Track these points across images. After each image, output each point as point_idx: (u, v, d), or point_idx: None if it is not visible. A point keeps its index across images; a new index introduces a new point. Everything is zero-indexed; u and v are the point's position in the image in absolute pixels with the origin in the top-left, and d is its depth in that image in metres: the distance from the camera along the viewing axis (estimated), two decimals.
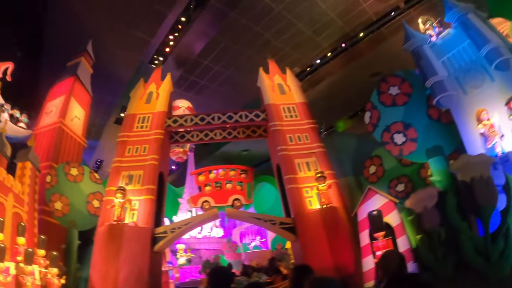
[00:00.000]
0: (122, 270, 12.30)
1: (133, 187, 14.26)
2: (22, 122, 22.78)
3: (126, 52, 24.06)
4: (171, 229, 13.76)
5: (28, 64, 24.12)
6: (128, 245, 12.73)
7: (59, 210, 15.59)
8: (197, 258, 28.29)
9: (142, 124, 15.89)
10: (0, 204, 14.30)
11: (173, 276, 22.82)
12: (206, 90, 27.88)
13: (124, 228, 13.04)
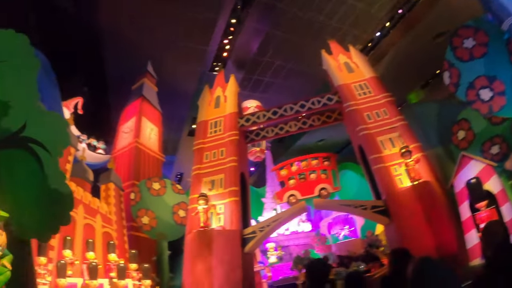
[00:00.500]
0: (214, 275, 11.97)
1: (216, 192, 13.93)
2: (100, 149, 23.60)
3: (185, 66, 24.12)
4: (260, 228, 13.25)
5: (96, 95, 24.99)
6: (218, 249, 12.39)
7: (147, 224, 15.70)
8: (287, 255, 27.67)
9: (215, 128, 15.58)
10: (89, 226, 14.93)
11: (265, 276, 22.42)
12: (272, 87, 27.27)
13: (212, 233, 12.71)
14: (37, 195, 7.11)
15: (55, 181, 7.45)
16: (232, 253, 12.48)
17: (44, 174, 7.31)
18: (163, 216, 16.13)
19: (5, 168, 6.71)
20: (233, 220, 13.22)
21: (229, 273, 12.03)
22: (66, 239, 12.56)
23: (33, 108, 7.25)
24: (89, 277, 11.28)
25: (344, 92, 15.07)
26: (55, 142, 7.58)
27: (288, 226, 30.78)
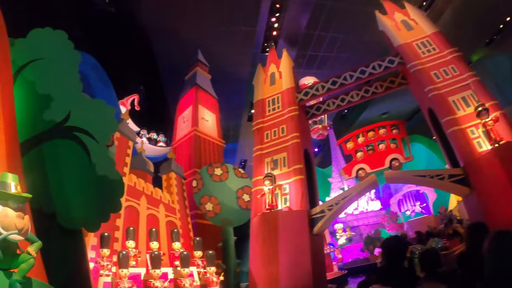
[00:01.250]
0: (282, 258, 10.99)
1: (279, 172, 12.88)
2: (161, 142, 23.48)
3: (236, 50, 23.32)
4: (328, 206, 12.05)
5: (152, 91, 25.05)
6: (285, 231, 11.36)
7: (211, 210, 15.02)
8: (357, 235, 26.32)
9: (273, 106, 14.51)
10: (153, 216, 14.46)
11: (335, 258, 21.22)
12: (327, 62, 25.66)
13: (278, 214, 11.67)
14: (84, 184, 6.71)
15: (103, 168, 7.01)
16: (300, 235, 11.42)
17: (91, 162, 6.86)
18: (227, 202, 15.40)
19: (51, 159, 6.44)
20: (299, 200, 12.15)
21: (297, 256, 11.02)
22: (129, 230, 12.25)
23: (76, 98, 7.05)
24: (152, 267, 10.72)
25: (406, 52, 13.37)
26: (101, 128, 7.22)
27: (356, 205, 29.51)
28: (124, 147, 13.99)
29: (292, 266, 10.88)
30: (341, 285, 15.16)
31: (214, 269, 11.76)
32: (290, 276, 10.78)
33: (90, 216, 6.91)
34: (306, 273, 10.88)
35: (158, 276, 10.67)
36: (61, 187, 6.56)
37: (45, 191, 6.44)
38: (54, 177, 6.57)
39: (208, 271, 11.80)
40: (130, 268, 11.02)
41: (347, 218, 28.01)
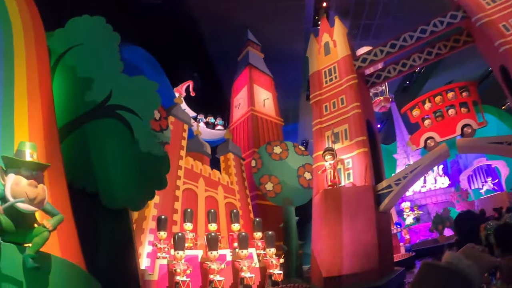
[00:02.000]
0: (346, 237, 10.04)
1: (341, 145, 11.80)
2: (219, 125, 23.07)
3: (286, 27, 22.11)
4: (395, 181, 10.81)
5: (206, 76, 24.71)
6: (349, 208, 10.35)
7: (271, 190, 14.19)
8: (425, 215, 24.33)
9: (330, 77, 13.31)
10: (211, 198, 13.89)
11: (402, 239, 19.60)
12: (383, 30, 23.62)
13: (341, 191, 10.65)
14: (127, 161, 6.41)
15: (147, 145, 6.66)
16: (365, 212, 10.36)
17: (134, 139, 6.56)
18: (288, 181, 14.48)
19: (93, 139, 6.28)
20: (364, 175, 11.05)
21: (362, 235, 10.02)
22: (186, 212, 11.81)
23: (117, 77, 6.88)
24: (208, 249, 10.17)
25: (469, 4, 11.51)
26: (143, 104, 6.88)
27: (423, 182, 27.48)
28: (179, 130, 13.62)
29: (356, 246, 9.90)
30: (409, 268, 13.88)
31: (274, 251, 10.96)
32: (355, 256, 9.81)
33: (133, 194, 6.62)
34: (372, 253, 9.88)
35: (215, 258, 10.12)
36: (104, 166, 6.33)
37: (88, 171, 6.26)
38: (97, 157, 6.38)
39: (267, 253, 11.02)
40: (187, 250, 10.63)
41: (414, 196, 26.13)
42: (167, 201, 12.46)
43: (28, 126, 4.91)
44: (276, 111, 19.92)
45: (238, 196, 14.64)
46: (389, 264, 11.24)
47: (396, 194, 10.71)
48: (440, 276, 2.08)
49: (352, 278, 9.50)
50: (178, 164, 13.21)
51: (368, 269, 9.63)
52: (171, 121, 13.34)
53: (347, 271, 9.66)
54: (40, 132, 5.07)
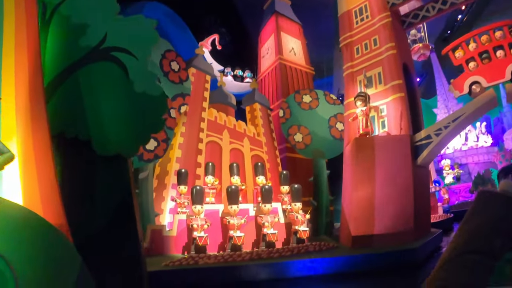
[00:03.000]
0: (379, 192, 8.91)
1: (375, 90, 10.43)
2: (247, 78, 21.88)
3: None
4: (436, 131, 9.43)
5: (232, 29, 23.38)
6: (383, 160, 9.14)
7: (300, 142, 13.07)
8: (465, 174, 22.52)
9: (361, 16, 11.63)
10: (237, 151, 13.12)
11: (441, 198, 18.08)
12: None
13: (374, 140, 9.38)
14: (120, 104, 5.82)
15: (143, 85, 5.99)
16: (401, 165, 9.15)
17: (129, 80, 5.89)
18: (319, 131, 13.29)
19: (86, 84, 5.73)
20: (400, 123, 9.76)
21: (398, 191, 8.88)
22: (208, 165, 11.10)
23: (112, 20, 6.24)
24: (229, 203, 9.33)
25: None
26: (140, 42, 6.22)
27: (465, 139, 25.42)
28: (201, 82, 12.86)
29: (390, 202, 8.79)
30: (446, 231, 12.64)
31: (300, 206, 9.98)
32: (388, 214, 8.72)
33: (125, 139, 5.79)
34: (408, 212, 8.78)
35: (235, 212, 9.29)
36: (96, 110, 5.65)
37: (81, 117, 5.61)
38: (89, 102, 5.68)
39: (293, 208, 10.08)
40: (207, 204, 10.03)
41: (455, 154, 24.26)
42: (190, 155, 11.82)
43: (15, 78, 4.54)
44: (306, 60, 18.34)
45: (265, 149, 13.70)
46: (425, 225, 10.07)
47: (436, 146, 9.38)
48: (498, 204, 2.03)
49: (384, 239, 8.43)
50: (200, 116, 12.44)
51: (402, 230, 8.55)
52: (192, 72, 12.54)
53: (379, 231, 8.59)
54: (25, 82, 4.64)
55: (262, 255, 8.09)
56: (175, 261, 7.42)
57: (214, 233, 9.51)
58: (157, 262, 7.52)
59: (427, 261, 8.21)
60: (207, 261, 7.61)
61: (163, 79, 10.87)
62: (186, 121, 12.02)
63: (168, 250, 9.18)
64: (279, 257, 8.05)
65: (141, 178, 10.28)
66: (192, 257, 7.86)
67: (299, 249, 8.52)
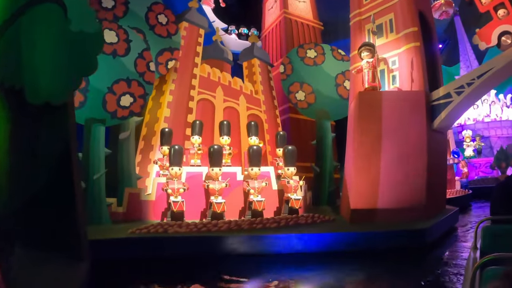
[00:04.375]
0: (386, 159, 7.42)
1: (385, 40, 8.76)
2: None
3: None
4: (457, 88, 7.70)
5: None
6: (392, 121, 7.58)
7: (303, 100, 11.54)
8: (487, 148, 20.37)
9: None
10: (231, 109, 11.54)
11: (459, 172, 16.21)
12: None
13: (381, 96, 7.77)
14: (56, 47, 4.97)
15: (80, 23, 5.12)
16: (414, 127, 7.58)
17: (67, 19, 5.05)
18: (323, 90, 11.67)
19: (24, 31, 4.94)
20: (413, 77, 8.14)
21: (408, 158, 7.40)
22: (195, 124, 9.81)
23: None
24: (210, 164, 8.10)
25: None
26: None
27: (488, 111, 23.22)
28: (194, 36, 11.46)
29: (399, 172, 7.33)
30: (463, 209, 11.06)
31: (293, 170, 8.54)
32: (395, 186, 7.27)
33: (55, 84, 4.80)
34: (418, 184, 7.30)
35: (217, 176, 8.03)
36: (31, 56, 4.84)
37: (18, 66, 4.82)
38: (26, 48, 4.89)
39: (285, 173, 8.61)
40: (191, 167, 8.90)
41: (476, 126, 22.00)
42: (179, 114, 10.54)
43: None
44: (313, 14, 16.23)
45: (263, 107, 12.23)
46: (439, 201, 8.59)
47: (457, 107, 7.73)
48: None
49: (389, 215, 7.03)
50: (192, 72, 11.11)
51: (411, 205, 7.13)
52: (185, 26, 11.23)
53: (383, 205, 7.17)
54: None
55: (243, 226, 6.85)
56: (142, 228, 6.53)
57: (196, 199, 8.34)
58: (126, 229, 6.60)
59: (438, 244, 6.79)
60: (178, 229, 6.54)
61: (149, 33, 9.85)
62: (176, 78, 10.72)
63: (146, 216, 8.25)
64: (261, 229, 6.77)
65: (121, 139, 9.19)
66: (161, 224, 6.82)
67: (287, 221, 7.20)
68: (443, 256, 6.23)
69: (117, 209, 8.27)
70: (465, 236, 7.73)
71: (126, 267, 5.55)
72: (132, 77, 8.50)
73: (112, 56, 8.37)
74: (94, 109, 8.06)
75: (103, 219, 7.75)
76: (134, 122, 9.46)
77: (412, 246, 6.14)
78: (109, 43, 8.32)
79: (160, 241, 6.24)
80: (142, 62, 8.74)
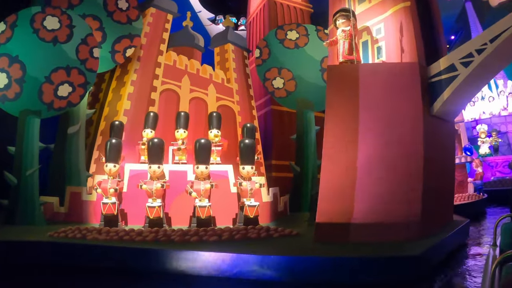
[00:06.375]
0: (365, 155, 5.37)
1: (368, 5, 6.63)
2: (242, 26, 18.22)
3: None
4: (463, 58, 5.51)
5: None
6: (373, 102, 5.55)
7: (281, 88, 9.58)
8: (504, 145, 17.54)
9: None
10: (199, 100, 9.53)
11: (472, 172, 13.46)
12: None
13: (358, 70, 5.68)
14: None
15: None
16: (404, 113, 5.51)
17: None
18: (306, 76, 9.66)
19: None
20: (403, 47, 6.02)
21: (396, 155, 5.33)
22: (148, 116, 8.18)
23: None
24: (149, 161, 6.57)
25: None
26: None
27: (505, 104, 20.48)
28: (160, 22, 9.92)
29: (383, 173, 5.26)
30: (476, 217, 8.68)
31: (251, 170, 6.52)
32: (378, 192, 5.21)
33: None
34: (411, 185, 5.21)
35: (156, 175, 6.41)
36: None
37: None
38: None
39: (241, 172, 6.64)
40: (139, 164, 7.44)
41: (493, 120, 19.26)
42: (140, 106, 8.93)
43: None
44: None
45: (236, 98, 10.25)
46: (443, 211, 6.38)
47: (465, 84, 5.55)
48: None
49: (367, 233, 4.98)
50: (156, 61, 9.48)
51: (400, 219, 5.05)
52: (151, 12, 9.77)
53: (360, 218, 5.11)
54: None
55: (173, 237, 5.29)
56: (60, 231, 5.73)
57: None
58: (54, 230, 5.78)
59: (438, 271, 4.62)
60: (97, 236, 5.49)
61: (106, 20, 8.74)
62: (138, 67, 9.17)
63: (86, 218, 7.05)
64: (195, 242, 5.15)
65: (70, 133, 8.05)
66: (79, 229, 5.73)
67: (231, 234, 5.34)
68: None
69: (59, 209, 7.28)
70: (475, 259, 5.36)
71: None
72: (73, 64, 7.48)
73: (53, 43, 7.44)
74: (30, 100, 7.18)
75: (36, 220, 6.77)
76: (84, 115, 8.40)
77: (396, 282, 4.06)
78: (50, 30, 7.45)
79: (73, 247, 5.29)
80: (85, 48, 7.63)
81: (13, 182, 6.83)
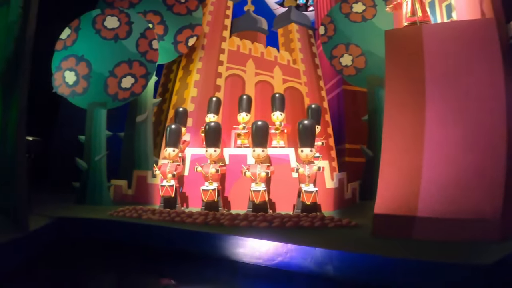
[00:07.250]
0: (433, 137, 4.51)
1: None
2: (311, 7, 17.34)
3: None
4: None
5: None
6: (443, 69, 4.68)
7: (349, 66, 8.84)
8: None
9: None
10: (265, 83, 9.42)
11: None
12: None
13: (422, 32, 4.88)
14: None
15: None
16: (480, 80, 4.52)
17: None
18: (376, 50, 8.63)
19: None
20: (480, 3, 5.20)
21: (471, 137, 4.36)
22: (211, 101, 8.23)
23: None
24: (206, 145, 6.61)
25: None
26: None
27: None
28: (221, 9, 10.01)
29: (455, 160, 4.37)
30: None
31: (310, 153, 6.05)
32: (449, 182, 4.31)
33: None
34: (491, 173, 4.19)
35: (212, 158, 6.45)
36: None
37: None
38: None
39: (299, 156, 6.26)
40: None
41: None
42: (207, 93, 9.06)
43: None
44: None
45: (304, 79, 9.83)
46: None
47: None
48: None
49: (436, 229, 4.15)
50: (220, 47, 9.53)
51: (477, 216, 4.05)
52: (212, 1, 9.92)
53: (428, 211, 4.26)
54: None
55: (222, 221, 5.21)
56: (119, 211, 6.13)
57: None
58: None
59: None
60: (151, 216, 5.71)
61: (166, 13, 9.08)
62: (203, 56, 9.35)
63: (151, 200, 7.47)
64: (244, 227, 4.99)
65: (138, 122, 8.53)
66: (136, 209, 6.06)
67: (283, 221, 5.05)
68: None
69: (127, 191, 7.81)
70: None
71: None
72: (134, 58, 7.93)
73: (114, 40, 7.95)
74: (96, 93, 7.75)
75: (104, 201, 7.37)
76: (151, 105, 8.82)
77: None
78: (110, 29, 7.98)
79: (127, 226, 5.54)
80: (144, 42, 8.05)
81: (83, 167, 7.48)
